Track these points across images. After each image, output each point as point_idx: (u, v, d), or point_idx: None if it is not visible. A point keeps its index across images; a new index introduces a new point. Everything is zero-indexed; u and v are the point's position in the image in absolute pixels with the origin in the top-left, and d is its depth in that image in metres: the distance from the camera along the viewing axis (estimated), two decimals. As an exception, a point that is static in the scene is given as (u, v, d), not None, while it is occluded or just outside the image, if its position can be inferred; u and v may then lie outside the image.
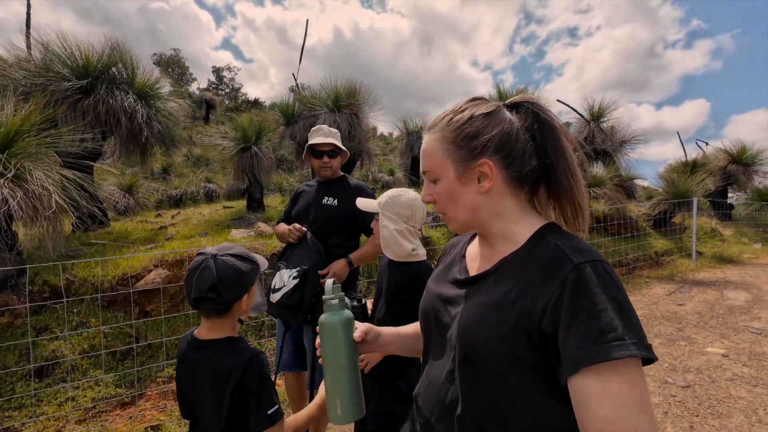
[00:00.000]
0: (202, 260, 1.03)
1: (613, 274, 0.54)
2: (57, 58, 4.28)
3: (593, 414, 0.48)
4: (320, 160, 1.88)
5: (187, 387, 1.06)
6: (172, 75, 31.95)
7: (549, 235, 0.62)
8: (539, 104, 0.66)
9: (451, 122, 0.66)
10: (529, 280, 0.58)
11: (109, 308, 3.10)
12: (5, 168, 2.70)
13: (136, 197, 6.64)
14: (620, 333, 0.49)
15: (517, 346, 0.56)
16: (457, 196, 0.66)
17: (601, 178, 7.12)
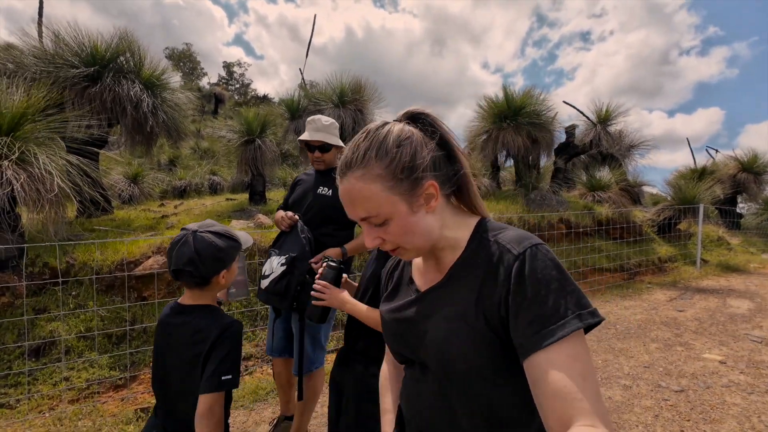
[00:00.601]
0: (182, 235, 1.08)
1: (550, 254, 0.58)
2: (66, 46, 4.35)
3: (544, 390, 0.51)
4: (313, 155, 1.88)
5: (164, 348, 1.10)
6: (183, 69, 32.26)
7: (485, 233, 0.65)
8: (430, 114, 0.67)
9: (378, 158, 0.60)
10: (482, 281, 0.61)
11: (107, 292, 3.14)
12: (10, 150, 2.75)
13: (141, 187, 6.72)
14: (561, 312, 0.53)
15: (492, 347, 0.59)
16: (413, 227, 0.63)
17: (605, 182, 7.04)
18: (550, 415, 0.50)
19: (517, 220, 5.26)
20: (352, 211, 0.63)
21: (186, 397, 1.05)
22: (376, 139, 0.61)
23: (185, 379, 1.05)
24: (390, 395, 0.82)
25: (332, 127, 1.90)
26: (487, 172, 7.78)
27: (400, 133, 0.62)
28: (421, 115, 0.66)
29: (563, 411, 0.49)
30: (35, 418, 2.28)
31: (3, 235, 2.85)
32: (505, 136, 6.62)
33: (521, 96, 6.91)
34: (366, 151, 0.60)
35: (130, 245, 3.40)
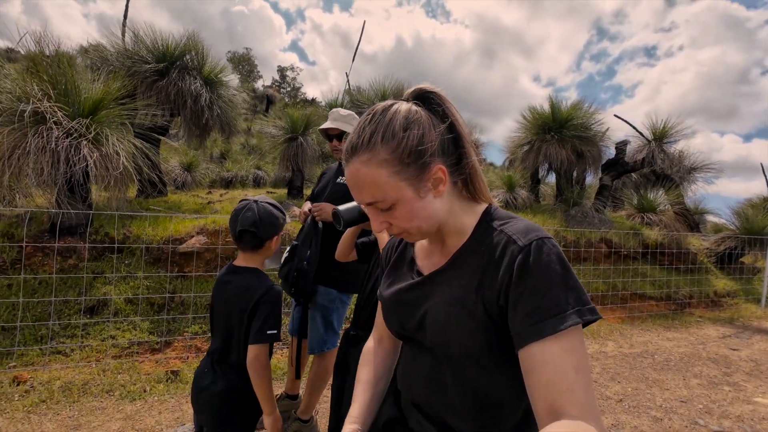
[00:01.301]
0: (246, 203, 1.27)
1: (555, 249, 0.57)
2: (143, 45, 4.89)
3: (537, 379, 0.52)
4: (331, 144, 1.97)
5: (219, 302, 1.28)
6: (241, 71, 34.54)
7: (493, 221, 0.65)
8: (438, 93, 0.64)
9: (384, 142, 0.58)
10: (484, 269, 0.61)
11: (154, 264, 3.46)
12: (87, 130, 3.14)
13: (193, 175, 7.30)
14: (561, 306, 0.53)
15: (490, 334, 0.59)
16: (419, 211, 0.62)
17: (657, 204, 6.53)
18: (540, 403, 0.51)
19: (553, 236, 5.04)
20: (358, 196, 0.62)
21: (234, 343, 1.23)
22: (382, 122, 0.58)
23: (234, 329, 1.22)
24: (368, 369, 0.82)
25: (350, 118, 1.95)
26: (526, 184, 7.53)
27: (407, 114, 0.59)
28: (429, 94, 0.63)
29: (553, 400, 0.49)
30: (84, 367, 2.57)
31: (75, 204, 3.26)
32: (548, 149, 6.38)
33: (568, 108, 6.64)
34: (372, 134, 0.58)
35: (177, 224, 3.72)
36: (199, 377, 1.27)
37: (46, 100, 3.07)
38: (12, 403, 2.15)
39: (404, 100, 0.63)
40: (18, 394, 2.24)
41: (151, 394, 2.38)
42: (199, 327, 3.15)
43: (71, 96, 3.33)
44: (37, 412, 2.11)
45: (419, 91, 0.64)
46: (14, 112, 2.95)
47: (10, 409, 2.11)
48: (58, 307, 2.93)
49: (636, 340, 3.95)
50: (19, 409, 2.12)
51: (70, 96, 3.33)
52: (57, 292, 2.96)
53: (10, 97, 3.15)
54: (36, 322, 2.79)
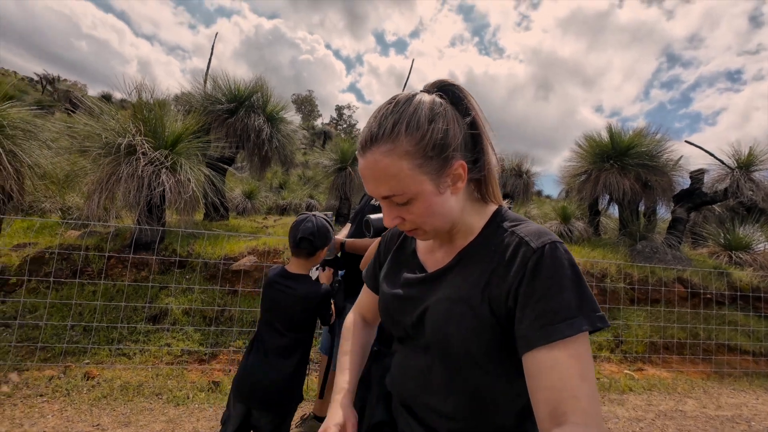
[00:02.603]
0: (306, 216, 1.51)
1: (568, 254, 0.57)
2: (219, 89, 5.67)
3: (541, 384, 0.51)
4: None
5: (273, 301, 1.46)
6: (303, 111, 37.90)
7: (503, 222, 0.64)
8: (459, 86, 0.62)
9: (408, 133, 0.55)
10: (493, 269, 0.59)
11: (210, 280, 3.77)
12: (166, 159, 3.65)
13: (253, 202, 7.99)
14: (572, 311, 0.52)
15: (492, 334, 0.59)
16: (437, 207, 0.60)
17: (749, 241, 5.63)
18: (543, 408, 0.50)
19: (615, 271, 4.55)
20: (374, 189, 0.58)
21: (301, 338, 1.45)
22: (406, 112, 0.55)
23: (288, 327, 1.43)
24: (353, 341, 0.84)
25: None
26: (584, 215, 6.99)
27: (432, 105, 0.57)
28: (452, 87, 0.61)
29: (557, 405, 0.48)
30: (141, 370, 2.82)
31: (152, 223, 3.73)
32: (608, 178, 5.93)
33: (630, 135, 6.19)
34: (395, 124, 0.55)
35: (232, 244, 4.05)
36: (254, 370, 1.40)
37: (138, 135, 3.65)
38: (81, 396, 2.42)
39: (425, 92, 0.60)
40: (86, 388, 2.51)
41: (193, 401, 2.51)
42: (242, 342, 3.31)
43: (158, 131, 3.94)
44: (98, 406, 2.34)
45: (442, 83, 0.61)
46: (113, 145, 3.55)
47: (79, 401, 2.36)
48: (128, 313, 3.30)
49: (725, 401, 3.30)
50: (85, 401, 2.37)
51: (157, 131, 3.93)
52: (128, 300, 3.35)
53: (113, 133, 3.81)
54: (109, 324, 3.16)
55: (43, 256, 3.46)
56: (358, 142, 0.59)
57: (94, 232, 3.97)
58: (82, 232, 4.02)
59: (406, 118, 0.55)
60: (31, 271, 3.35)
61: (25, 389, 2.42)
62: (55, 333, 3.01)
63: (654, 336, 4.10)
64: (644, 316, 4.29)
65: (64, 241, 3.74)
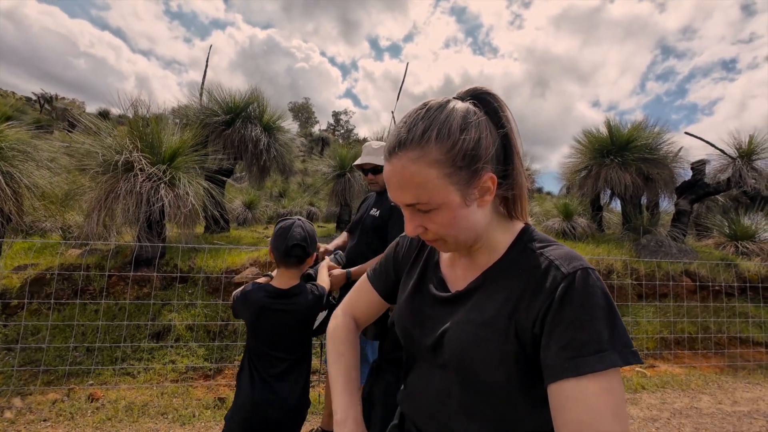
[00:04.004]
0: (293, 222, 1.39)
1: (600, 282, 0.53)
2: (215, 101, 5.67)
3: (569, 418, 0.48)
4: (367, 177, 2.01)
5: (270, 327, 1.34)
6: (300, 119, 38.05)
7: (530, 242, 0.61)
8: (494, 94, 0.59)
9: (439, 140, 0.53)
10: (521, 293, 0.56)
11: (212, 294, 3.74)
12: (164, 175, 3.63)
13: (253, 212, 7.98)
14: (603, 344, 0.49)
15: (517, 362, 0.56)
16: (462, 220, 0.57)
17: (755, 230, 5.57)
18: None
19: (621, 267, 4.50)
20: (399, 195, 0.56)
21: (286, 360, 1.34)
22: (438, 119, 0.54)
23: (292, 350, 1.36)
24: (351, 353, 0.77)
25: (382, 150, 2.00)
26: (586, 211, 6.95)
27: (465, 114, 0.55)
28: (487, 96, 0.58)
29: None
30: (146, 388, 2.78)
31: (152, 239, 3.71)
32: (609, 173, 5.90)
33: (629, 129, 6.16)
34: (425, 130, 0.53)
35: (234, 256, 4.03)
36: (263, 405, 1.28)
37: (135, 151, 3.64)
38: (85, 418, 2.38)
39: (459, 98, 0.58)
40: (90, 410, 2.48)
41: (199, 419, 2.47)
42: (247, 355, 3.27)
43: (155, 147, 3.93)
44: (102, 428, 2.30)
45: (476, 91, 0.58)
46: (111, 162, 3.53)
47: (83, 424, 2.32)
48: (131, 331, 3.27)
49: (741, 396, 3.24)
50: (89, 424, 2.33)
51: (155, 147, 3.92)
52: (131, 318, 3.32)
53: (110, 150, 3.80)
54: (113, 344, 3.13)
55: (44, 277, 3.44)
56: (385, 147, 0.57)
57: (95, 250, 3.95)
58: (83, 250, 4.00)
59: (438, 124, 0.53)
60: (32, 292, 3.33)
61: (28, 414, 2.39)
62: (57, 355, 2.98)
63: (664, 331, 4.05)
64: (653, 311, 4.24)
65: (64, 260, 3.72)
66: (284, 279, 1.37)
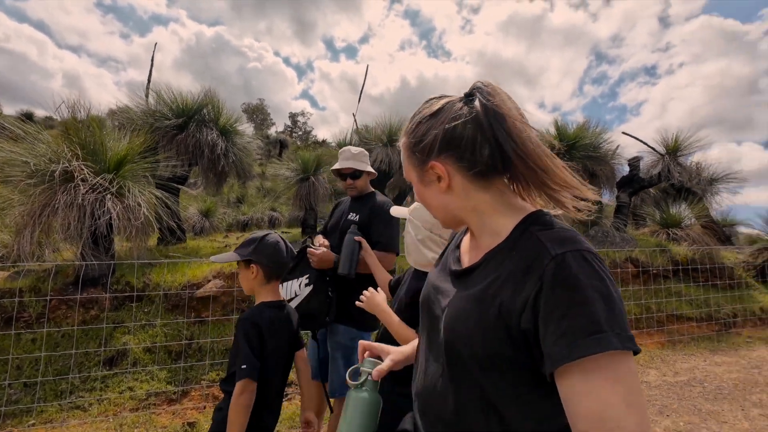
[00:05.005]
0: (275, 235, 1.40)
1: (596, 263, 0.51)
2: (164, 103, 5.28)
3: (579, 411, 0.47)
4: (345, 182, 1.99)
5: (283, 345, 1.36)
6: (255, 120, 36.60)
7: (532, 226, 0.60)
8: (488, 87, 0.62)
9: (407, 130, 0.68)
10: (509, 274, 0.56)
11: (172, 311, 3.48)
12: (111, 185, 3.32)
13: (210, 220, 7.53)
14: (600, 326, 0.47)
15: (497, 342, 0.55)
16: (425, 197, 0.69)
17: (681, 218, 6.29)
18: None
19: (574, 258, 4.85)
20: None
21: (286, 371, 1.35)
22: (413, 115, 0.68)
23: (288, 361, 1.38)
24: None
25: (361, 155, 1.97)
26: (541, 207, 7.41)
27: (430, 109, 0.65)
28: (475, 91, 0.62)
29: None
30: (101, 422, 2.52)
31: (99, 256, 3.37)
32: (559, 170, 6.35)
33: (574, 129, 6.68)
34: (409, 123, 0.69)
35: (194, 269, 3.78)
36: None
37: (75, 160, 3.29)
38: (29, 464, 2.10)
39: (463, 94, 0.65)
40: (35, 454, 2.19)
41: (167, 449, 2.29)
42: (216, 374, 3.08)
43: (98, 154, 3.57)
44: (52, 473, 2.05)
45: (473, 86, 0.65)
46: (46, 173, 3.16)
47: (27, 471, 2.05)
48: (79, 359, 2.94)
49: (680, 367, 3.64)
50: (35, 470, 2.06)
51: (98, 154, 3.56)
52: (78, 345, 2.99)
53: (43, 159, 3.39)
54: (57, 376, 2.79)
55: (-35, 307, 2.99)
56: None
57: (29, 271, 3.51)
58: (12, 272, 3.53)
59: (414, 118, 0.67)
60: (-50, 325, 2.88)
61: (-45, 468, 2.06)
62: (-12, 395, 2.60)
63: (614, 314, 4.43)
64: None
65: (-10, 285, 3.26)
66: (276, 292, 1.38)
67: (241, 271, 1.39)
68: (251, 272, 1.35)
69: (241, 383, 1.17)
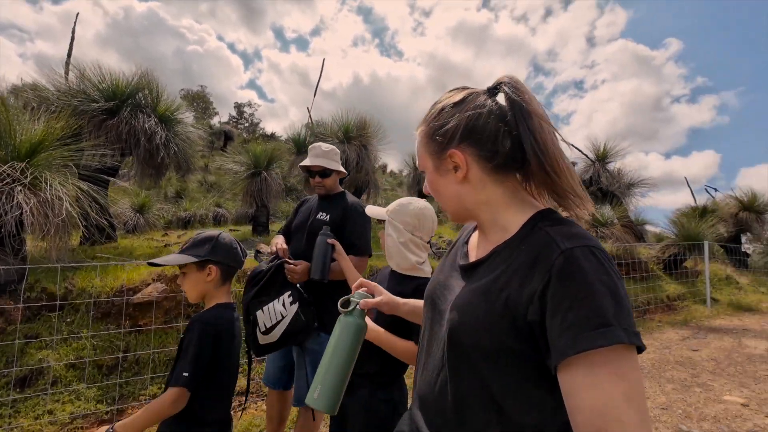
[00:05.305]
0: (227, 235, 1.31)
1: (605, 259, 0.52)
2: (90, 83, 4.63)
3: (580, 404, 0.47)
4: (314, 180, 1.89)
5: (236, 348, 1.29)
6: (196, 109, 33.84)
7: (541, 222, 0.60)
8: (514, 83, 0.62)
9: (427, 117, 0.68)
10: (517, 267, 0.56)
11: (102, 320, 3.07)
12: (23, 175, 2.83)
13: (146, 217, 6.79)
14: (607, 319, 0.47)
15: (503, 335, 0.55)
16: (439, 187, 0.69)
17: (607, 218, 7.06)
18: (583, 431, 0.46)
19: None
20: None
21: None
22: (435, 102, 0.69)
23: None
24: None
25: (332, 153, 1.90)
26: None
27: (453, 98, 0.65)
28: (503, 85, 0.63)
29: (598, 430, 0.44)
30: (12, 454, 2.14)
31: (6, 258, 2.85)
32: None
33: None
34: (429, 111, 0.69)
35: (130, 272, 3.37)
36: None
37: (-26, 144, 2.75)
38: None
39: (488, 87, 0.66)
40: None
41: (100, 478, 2.01)
42: (158, 387, 2.79)
43: (4, 138, 3.02)
44: None
45: (498, 81, 0.65)
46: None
47: None
48: (-20, 382, 2.47)
49: (609, 351, 4.08)
50: None
51: (3, 138, 3.01)
52: (-22, 365, 2.50)
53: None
54: (-52, 405, 2.31)
55: None
56: None
57: None
58: None
59: (435, 106, 0.68)
60: None
61: None
62: None
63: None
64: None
65: None
66: (229, 293, 1.30)
67: (189, 275, 1.23)
68: (206, 274, 1.22)
69: (178, 390, 1.05)
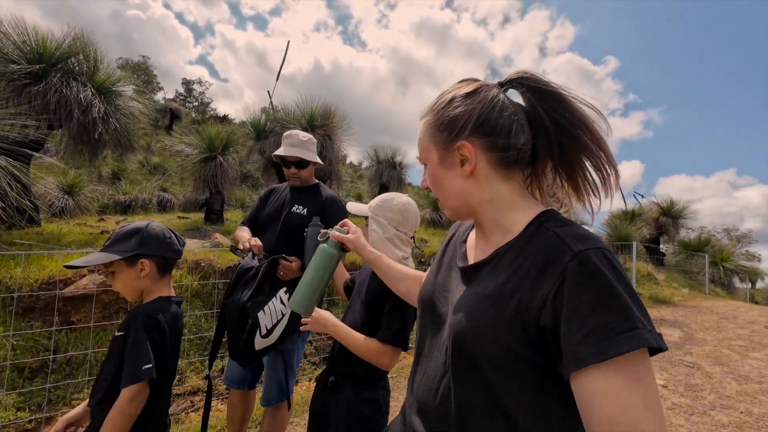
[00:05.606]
0: (159, 225, 1.19)
1: (616, 262, 0.51)
2: (8, 39, 3.95)
3: (597, 413, 0.45)
4: (288, 170, 1.79)
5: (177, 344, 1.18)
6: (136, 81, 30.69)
7: (547, 222, 0.58)
8: (536, 76, 0.61)
9: (434, 107, 0.65)
10: (527, 270, 0.54)
11: (24, 316, 2.68)
12: None
13: (76, 199, 6.02)
14: (633, 323, 0.46)
15: (512, 340, 0.53)
16: (442, 181, 0.65)
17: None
18: None
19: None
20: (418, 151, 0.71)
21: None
22: (444, 92, 0.66)
23: None
24: None
25: (309, 143, 1.81)
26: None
27: (464, 89, 0.63)
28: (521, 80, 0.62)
29: None
30: None
31: None
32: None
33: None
34: (437, 100, 0.66)
35: (58, 261, 2.98)
36: None
37: None
38: None
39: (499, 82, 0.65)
40: None
41: (24, 496, 1.76)
42: (94, 391, 2.51)
43: None
44: None
45: (516, 75, 0.63)
46: None
47: None
48: None
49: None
50: None
51: None
52: None
53: None
54: None
55: None
56: None
57: None
58: None
59: (443, 96, 0.65)
60: None
61: None
62: None
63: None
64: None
65: None
66: (170, 284, 1.21)
67: (119, 273, 1.11)
68: (138, 270, 1.10)
69: (137, 387, 0.95)
